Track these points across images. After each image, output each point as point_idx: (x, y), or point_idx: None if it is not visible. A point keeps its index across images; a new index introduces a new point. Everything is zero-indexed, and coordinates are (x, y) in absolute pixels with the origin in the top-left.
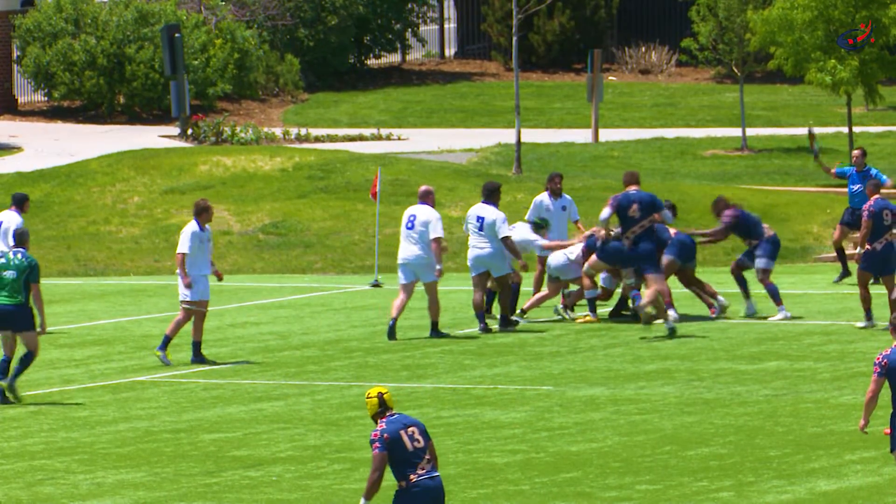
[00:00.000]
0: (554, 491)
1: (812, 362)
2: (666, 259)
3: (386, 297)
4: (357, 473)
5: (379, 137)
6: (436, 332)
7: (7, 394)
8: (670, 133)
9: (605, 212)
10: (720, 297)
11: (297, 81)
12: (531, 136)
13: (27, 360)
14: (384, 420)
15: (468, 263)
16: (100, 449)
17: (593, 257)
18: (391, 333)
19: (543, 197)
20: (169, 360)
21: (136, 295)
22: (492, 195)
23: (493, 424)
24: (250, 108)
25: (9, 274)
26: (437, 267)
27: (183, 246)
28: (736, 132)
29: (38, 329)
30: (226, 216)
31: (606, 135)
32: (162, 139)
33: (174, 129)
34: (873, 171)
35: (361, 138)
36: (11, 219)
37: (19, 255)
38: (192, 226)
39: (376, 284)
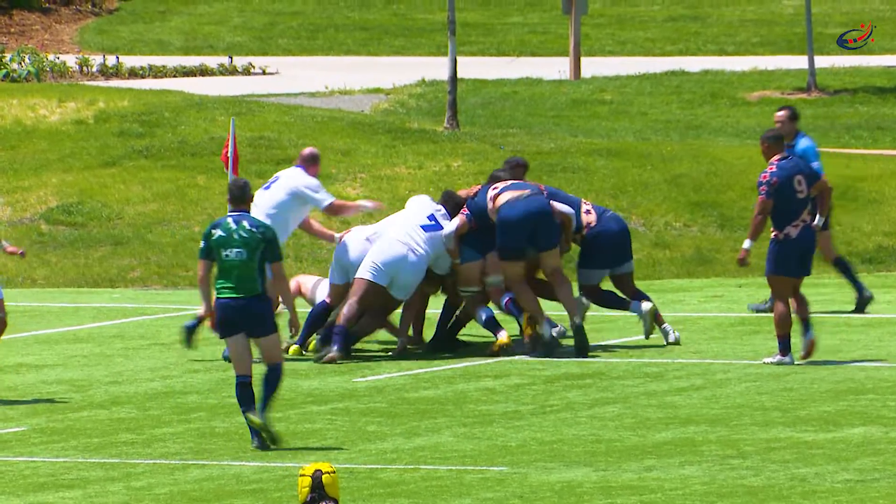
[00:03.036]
0: None
1: None
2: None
3: None
4: None
5: (232, 70)
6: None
7: (263, 434)
8: (694, 64)
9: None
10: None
11: None
12: (474, 68)
13: (273, 381)
14: None
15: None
16: None
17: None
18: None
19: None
20: None
21: None
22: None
23: None
24: (27, 23)
25: (233, 254)
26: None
27: None
28: (800, 62)
29: (291, 331)
30: None
31: (593, 67)
32: None
33: None
34: (800, 146)
35: (204, 72)
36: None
37: (245, 224)
38: None
39: None
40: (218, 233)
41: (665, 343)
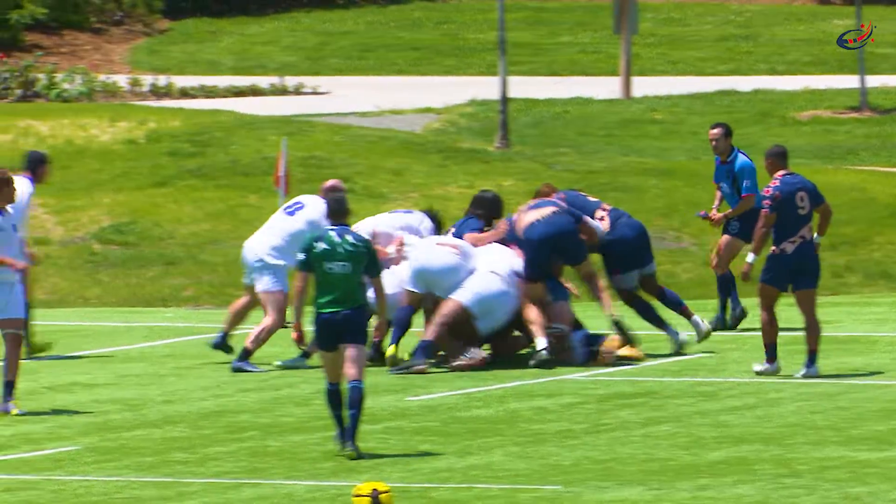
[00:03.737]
0: None
1: None
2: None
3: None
4: None
5: (283, 90)
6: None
7: (346, 450)
8: (745, 83)
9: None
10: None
11: (153, 1)
12: (524, 87)
13: (357, 402)
14: None
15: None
16: None
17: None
18: None
19: None
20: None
21: None
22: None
23: None
24: (78, 43)
25: (337, 267)
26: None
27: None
28: (851, 82)
29: (372, 347)
30: (40, 214)
31: (644, 86)
32: None
33: None
34: (738, 163)
35: (255, 92)
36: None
37: (349, 238)
38: None
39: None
40: (322, 245)
41: (697, 336)
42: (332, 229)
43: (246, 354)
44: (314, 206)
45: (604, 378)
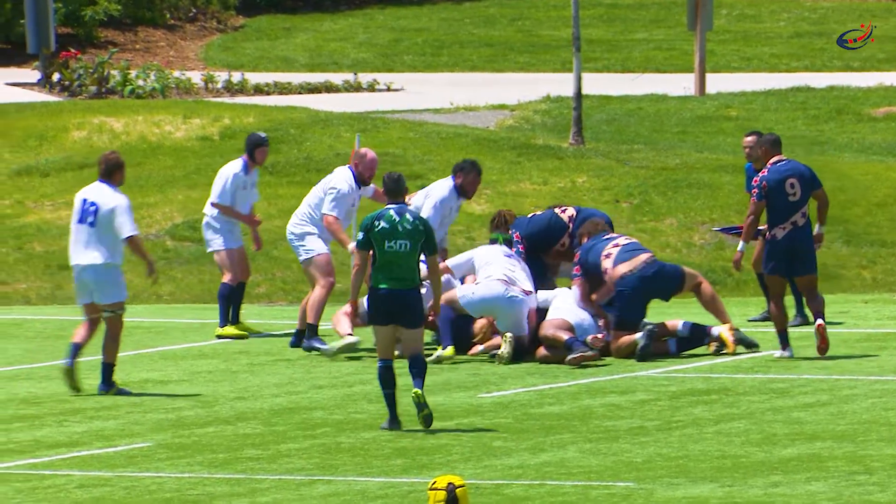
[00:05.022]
0: None
1: None
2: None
3: (369, 338)
4: None
5: (357, 87)
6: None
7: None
8: (820, 80)
9: None
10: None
11: None
12: (599, 84)
13: (420, 367)
14: None
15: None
16: None
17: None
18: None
19: None
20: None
21: None
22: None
23: None
24: (152, 40)
25: (397, 245)
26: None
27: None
28: None
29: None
30: None
31: (718, 83)
32: (12, 89)
33: (32, 74)
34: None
35: (329, 88)
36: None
37: (408, 216)
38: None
39: None
40: (381, 224)
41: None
42: (390, 207)
43: (312, 330)
44: (334, 173)
45: (677, 375)
